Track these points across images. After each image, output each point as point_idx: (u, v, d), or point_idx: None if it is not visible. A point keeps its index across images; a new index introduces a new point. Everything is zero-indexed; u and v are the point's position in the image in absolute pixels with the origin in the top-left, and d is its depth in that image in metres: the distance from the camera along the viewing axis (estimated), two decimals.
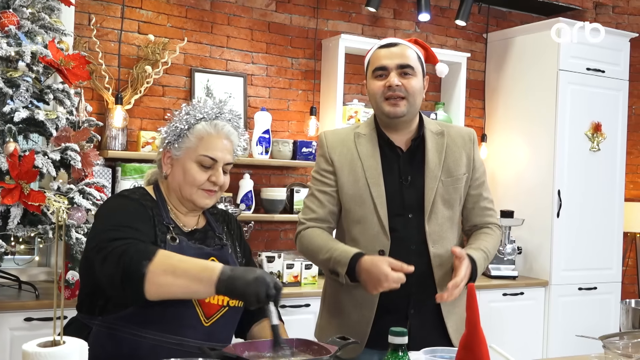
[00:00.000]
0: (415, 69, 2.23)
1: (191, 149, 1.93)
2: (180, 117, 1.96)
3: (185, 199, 1.97)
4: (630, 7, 5.52)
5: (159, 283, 1.66)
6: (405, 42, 2.28)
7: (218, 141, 1.95)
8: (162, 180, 2.02)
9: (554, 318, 4.60)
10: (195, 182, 1.94)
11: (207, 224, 2.06)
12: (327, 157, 2.31)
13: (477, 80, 5.15)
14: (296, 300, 3.68)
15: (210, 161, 1.94)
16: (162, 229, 1.90)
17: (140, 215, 1.87)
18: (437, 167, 2.25)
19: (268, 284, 1.62)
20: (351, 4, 4.64)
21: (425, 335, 2.12)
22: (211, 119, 1.96)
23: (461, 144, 2.32)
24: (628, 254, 5.36)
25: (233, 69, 4.24)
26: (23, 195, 2.81)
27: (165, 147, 1.97)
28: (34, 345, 1.22)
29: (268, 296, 1.62)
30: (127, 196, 1.95)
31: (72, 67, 2.99)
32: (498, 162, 5.02)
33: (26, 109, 2.93)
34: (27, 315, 3.01)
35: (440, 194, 2.24)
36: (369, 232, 2.22)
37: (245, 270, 1.65)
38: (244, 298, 1.63)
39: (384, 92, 2.21)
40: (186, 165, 1.93)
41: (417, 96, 2.23)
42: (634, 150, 5.45)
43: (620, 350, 2.08)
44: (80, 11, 3.75)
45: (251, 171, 4.19)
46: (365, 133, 2.31)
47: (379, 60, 2.24)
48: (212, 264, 1.70)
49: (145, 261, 1.66)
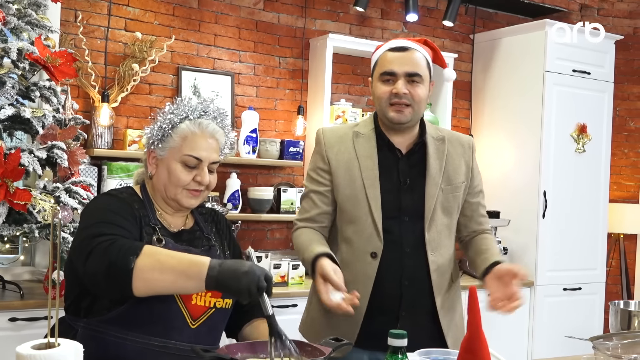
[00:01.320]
0: (423, 77, 2.19)
1: (175, 149, 1.90)
2: (164, 117, 1.93)
3: (170, 199, 1.94)
4: (615, 9, 5.57)
5: (146, 279, 1.63)
6: (415, 45, 2.22)
7: (203, 140, 1.92)
8: (148, 180, 1.99)
9: (539, 318, 4.63)
10: (180, 183, 1.91)
11: (195, 224, 2.03)
12: (324, 155, 2.29)
13: (464, 81, 5.16)
14: (283, 301, 3.66)
15: (194, 161, 1.91)
16: (148, 230, 1.87)
17: (126, 213, 1.84)
18: (438, 174, 2.24)
19: (258, 276, 1.59)
20: (339, 4, 4.63)
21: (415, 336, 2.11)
22: (195, 118, 1.93)
23: (461, 152, 2.32)
24: (612, 255, 5.40)
25: (220, 67, 4.22)
26: (9, 193, 2.76)
27: (150, 147, 1.94)
28: (28, 348, 1.20)
29: (259, 289, 1.60)
30: (114, 195, 1.93)
31: (58, 64, 2.94)
32: (484, 162, 5.01)
33: (12, 107, 2.89)
34: (12, 315, 2.96)
35: (440, 202, 2.23)
36: (362, 233, 2.21)
37: (234, 264, 1.62)
38: (235, 292, 1.61)
39: (390, 97, 2.18)
40: (170, 166, 1.90)
41: (422, 104, 2.22)
42: (618, 152, 5.50)
43: (610, 351, 2.09)
44: (67, 8, 3.71)
45: (238, 170, 4.16)
46: (364, 133, 2.29)
47: (388, 64, 2.20)
48: (200, 258, 1.66)
49: (132, 256, 1.62)
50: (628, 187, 5.57)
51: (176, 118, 1.91)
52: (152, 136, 1.93)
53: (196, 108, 1.94)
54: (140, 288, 1.64)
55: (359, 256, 2.20)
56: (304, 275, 3.90)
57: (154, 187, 1.97)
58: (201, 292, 1.70)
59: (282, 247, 4.37)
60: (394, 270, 2.19)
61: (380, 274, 2.18)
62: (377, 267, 2.18)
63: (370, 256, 2.19)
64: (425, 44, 2.28)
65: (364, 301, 2.19)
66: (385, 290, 2.19)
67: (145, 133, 1.98)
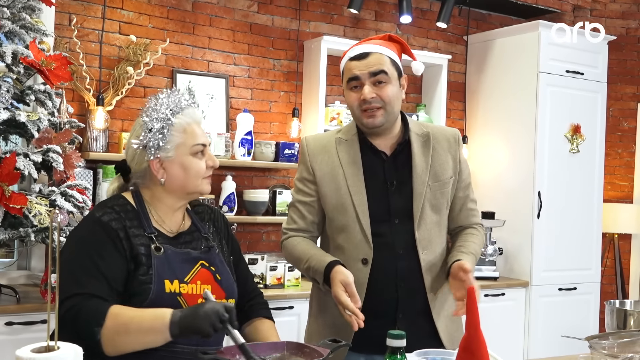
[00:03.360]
0: (389, 74, 2.16)
1: (181, 145, 1.92)
2: (154, 122, 1.90)
3: (190, 194, 1.97)
4: (607, 10, 5.60)
5: (114, 345, 1.70)
6: (376, 47, 2.18)
7: (197, 127, 1.96)
8: (148, 187, 1.97)
9: (535, 318, 4.64)
10: (200, 173, 1.95)
11: (193, 225, 2.03)
12: (308, 166, 2.28)
13: (458, 82, 5.18)
14: (280, 303, 3.67)
15: (202, 147, 1.95)
16: (143, 240, 1.87)
17: (109, 247, 1.81)
18: (425, 172, 2.23)
19: (218, 310, 1.64)
20: (333, 6, 4.64)
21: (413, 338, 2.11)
22: (182, 109, 1.94)
23: (447, 147, 2.29)
24: (606, 255, 5.42)
25: (215, 70, 4.22)
26: (4, 197, 2.76)
27: (152, 156, 1.90)
28: (28, 351, 1.20)
29: (222, 322, 1.64)
30: (99, 220, 1.86)
31: (53, 67, 2.94)
32: (479, 163, 5.05)
33: (7, 110, 2.89)
34: (8, 319, 2.95)
35: (428, 199, 2.22)
36: (352, 240, 2.20)
37: (192, 308, 1.68)
38: (200, 332, 1.64)
39: (360, 104, 2.17)
40: (184, 161, 1.92)
41: (395, 103, 2.18)
42: (612, 152, 5.52)
43: (606, 350, 2.10)
44: (61, 11, 3.71)
45: (233, 173, 4.17)
46: (347, 138, 2.27)
47: (351, 71, 2.18)
48: (162, 311, 1.71)
49: (97, 328, 1.67)
50: (622, 187, 5.59)
51: (169, 116, 1.91)
52: (151, 145, 1.89)
53: (175, 100, 1.94)
54: (111, 352, 1.71)
55: (350, 263, 2.17)
56: (300, 277, 3.90)
57: (166, 191, 1.95)
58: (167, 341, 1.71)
59: (277, 249, 4.37)
60: (389, 274, 2.18)
61: (374, 279, 2.17)
62: (368, 273, 2.17)
63: (361, 262, 2.18)
64: (390, 40, 2.25)
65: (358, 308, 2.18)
66: (381, 294, 2.18)
67: (136, 147, 1.92)
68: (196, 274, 1.91)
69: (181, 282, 1.86)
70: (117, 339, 1.69)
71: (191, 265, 1.91)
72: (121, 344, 1.70)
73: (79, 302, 1.70)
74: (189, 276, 1.89)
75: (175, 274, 1.86)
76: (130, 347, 1.71)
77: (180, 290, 1.85)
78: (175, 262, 1.88)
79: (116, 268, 1.80)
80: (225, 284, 1.96)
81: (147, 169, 1.93)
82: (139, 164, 1.94)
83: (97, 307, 1.71)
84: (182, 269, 1.89)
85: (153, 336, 1.69)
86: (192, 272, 1.91)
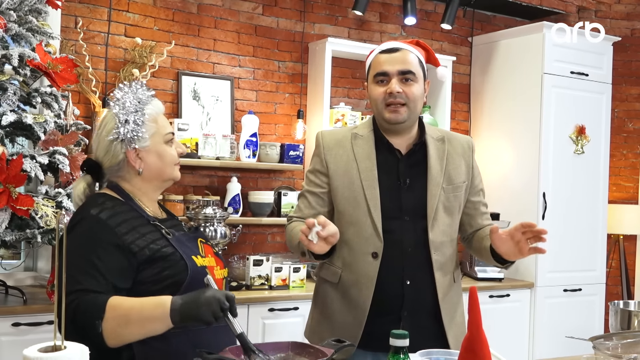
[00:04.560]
0: (416, 75, 2.22)
1: (156, 134, 1.96)
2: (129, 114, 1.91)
3: (165, 182, 2.02)
4: (612, 11, 5.60)
5: (116, 336, 1.71)
6: (406, 46, 2.26)
7: (164, 117, 2.03)
8: (125, 180, 1.97)
9: (540, 319, 4.64)
10: (174, 160, 2.01)
11: (167, 213, 2.09)
12: (322, 159, 2.32)
13: (463, 84, 5.19)
14: (285, 304, 3.68)
15: (172, 136, 2.02)
16: (150, 228, 1.89)
17: (104, 243, 1.81)
18: (439, 174, 2.27)
19: (219, 298, 1.66)
20: (337, 8, 4.66)
21: (418, 337, 2.13)
22: (149, 100, 1.97)
23: (461, 152, 2.35)
24: (611, 256, 5.42)
25: (220, 72, 4.24)
26: (11, 199, 2.78)
27: (129, 147, 1.92)
28: (35, 351, 1.21)
29: (223, 310, 1.66)
30: (96, 218, 1.84)
31: (59, 70, 2.96)
32: (484, 164, 5.01)
33: (14, 113, 2.91)
34: (15, 320, 2.97)
35: (442, 201, 2.26)
36: (362, 234, 2.23)
37: (194, 295, 1.69)
38: (201, 320, 1.66)
39: (385, 98, 2.21)
40: (159, 149, 1.97)
41: (418, 102, 2.24)
42: (617, 153, 5.52)
43: (610, 350, 2.10)
44: (67, 14, 3.73)
45: (239, 174, 4.18)
46: (363, 134, 2.31)
47: (380, 65, 2.23)
48: (162, 298, 1.72)
49: (98, 321, 1.69)
50: (627, 188, 5.59)
51: (141, 106, 1.94)
52: (129, 136, 1.91)
53: (140, 92, 1.96)
54: (114, 343, 1.73)
55: (359, 257, 2.22)
56: (305, 279, 3.91)
57: (144, 181, 1.98)
58: (169, 328, 1.72)
59: (283, 251, 4.39)
60: (396, 270, 2.21)
61: (381, 274, 2.20)
62: (378, 267, 2.20)
63: (371, 256, 2.21)
64: (418, 45, 2.32)
65: (367, 302, 2.21)
66: (387, 291, 2.20)
67: (112, 140, 1.92)
68: (204, 248, 2.00)
69: (202, 257, 1.94)
70: (118, 330, 1.70)
71: (195, 242, 1.99)
72: (123, 335, 1.72)
73: (77, 298, 1.72)
74: (201, 251, 1.97)
75: (192, 251, 1.93)
76: (133, 337, 1.73)
77: (204, 264, 1.92)
78: (186, 242, 1.95)
79: (114, 264, 1.80)
80: (220, 257, 2.06)
81: (123, 161, 1.94)
82: (114, 157, 1.94)
83: (95, 301, 1.72)
84: (193, 246, 1.96)
85: (154, 324, 1.71)
86: (201, 248, 1.98)
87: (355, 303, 2.23)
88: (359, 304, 2.22)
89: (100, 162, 1.97)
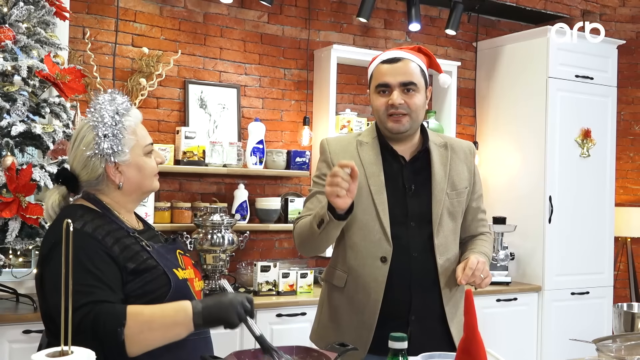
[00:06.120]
0: (418, 85, 2.24)
1: (135, 146, 1.91)
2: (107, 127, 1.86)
3: (144, 193, 1.99)
4: (617, 14, 5.61)
5: (139, 343, 1.69)
6: (408, 54, 2.26)
7: (142, 127, 1.97)
8: (104, 193, 1.92)
9: (547, 323, 4.64)
10: (153, 171, 1.98)
11: (144, 224, 2.05)
12: (330, 162, 2.32)
13: (468, 89, 5.21)
14: (292, 309, 3.70)
15: (151, 147, 1.98)
16: (131, 240, 1.86)
17: (98, 255, 1.78)
18: (443, 180, 2.29)
19: (242, 301, 1.69)
20: (342, 15, 4.69)
21: (426, 341, 2.15)
22: (127, 110, 1.92)
23: (463, 158, 2.37)
24: (619, 259, 5.41)
25: (226, 80, 4.28)
26: (21, 208, 2.82)
27: (108, 161, 1.87)
28: (43, 356, 1.24)
29: (246, 311, 1.69)
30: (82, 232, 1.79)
31: (68, 80, 3.01)
32: (490, 169, 5.07)
33: (23, 123, 2.94)
34: (26, 327, 3.02)
35: (446, 207, 2.28)
36: (370, 239, 2.24)
37: (215, 299, 1.71)
38: (226, 322, 1.68)
39: (387, 108, 2.24)
40: (139, 162, 1.92)
41: (420, 111, 2.27)
42: (623, 156, 5.52)
43: (613, 353, 2.12)
44: (75, 25, 3.78)
45: (245, 181, 4.21)
46: (368, 141, 2.33)
47: (382, 76, 2.25)
48: (180, 303, 1.73)
49: (120, 328, 1.66)
50: (634, 191, 5.59)
51: (118, 119, 1.87)
52: (108, 151, 1.86)
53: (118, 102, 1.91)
54: (136, 352, 1.70)
55: (367, 261, 2.24)
56: (312, 284, 3.93)
57: (124, 194, 1.93)
58: (190, 332, 1.73)
59: (290, 257, 4.41)
60: (403, 275, 2.23)
61: (390, 279, 2.22)
62: (387, 272, 2.22)
63: (380, 260, 2.22)
64: (419, 51, 2.33)
65: (376, 306, 2.22)
66: (395, 295, 2.22)
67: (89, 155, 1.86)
68: (183, 260, 1.97)
69: (182, 269, 1.92)
70: (141, 336, 1.68)
71: (174, 254, 1.96)
72: (146, 341, 1.69)
73: (92, 309, 1.67)
74: (181, 263, 1.95)
75: (173, 263, 1.90)
76: (156, 343, 1.71)
77: (185, 277, 1.91)
78: (165, 254, 1.92)
79: (112, 275, 1.77)
80: (198, 268, 2.06)
81: (102, 175, 1.89)
82: (93, 171, 1.88)
83: (114, 309, 1.69)
84: (173, 258, 1.93)
85: (177, 329, 1.71)
86: (180, 260, 1.96)
87: (363, 307, 2.24)
88: (368, 308, 2.23)
89: (76, 175, 1.91)
